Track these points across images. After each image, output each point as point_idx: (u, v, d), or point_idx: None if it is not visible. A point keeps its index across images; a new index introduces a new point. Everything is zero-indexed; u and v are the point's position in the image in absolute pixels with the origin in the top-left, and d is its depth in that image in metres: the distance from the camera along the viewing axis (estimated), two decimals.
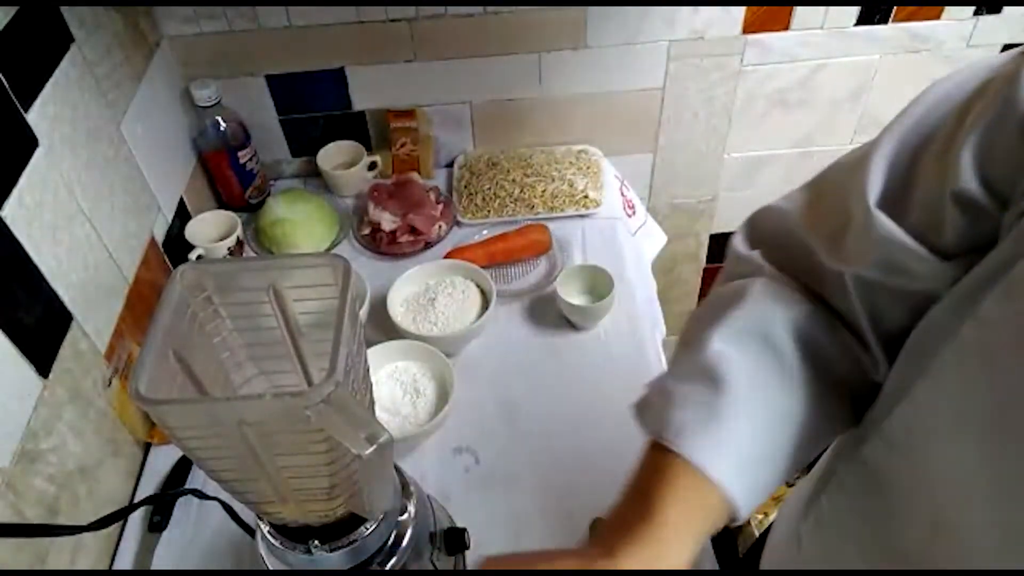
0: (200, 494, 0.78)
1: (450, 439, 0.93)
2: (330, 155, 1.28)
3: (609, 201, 1.24)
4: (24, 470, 0.71)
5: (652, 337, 1.06)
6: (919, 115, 0.46)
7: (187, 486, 0.88)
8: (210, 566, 0.83)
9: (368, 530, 0.58)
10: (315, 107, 1.27)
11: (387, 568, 0.60)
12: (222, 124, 1.17)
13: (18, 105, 0.76)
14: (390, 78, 1.23)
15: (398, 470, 0.65)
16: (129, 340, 0.92)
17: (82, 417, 0.81)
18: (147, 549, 0.85)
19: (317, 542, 0.57)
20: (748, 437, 0.48)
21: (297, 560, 0.58)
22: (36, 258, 0.76)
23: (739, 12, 1.20)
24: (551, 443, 0.92)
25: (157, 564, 0.83)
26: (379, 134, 1.31)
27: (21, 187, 0.74)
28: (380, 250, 1.17)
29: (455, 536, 0.70)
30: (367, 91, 1.25)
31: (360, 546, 0.58)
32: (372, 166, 1.29)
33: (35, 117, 0.78)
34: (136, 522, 0.88)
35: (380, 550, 0.60)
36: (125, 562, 0.84)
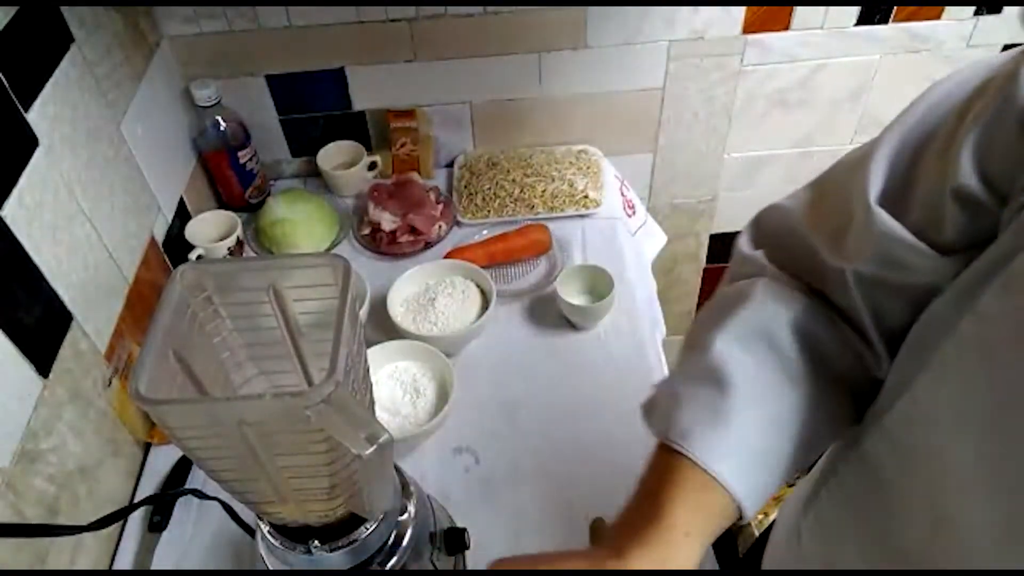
0: (200, 494, 0.78)
1: (450, 439, 0.93)
2: (330, 155, 1.28)
3: (609, 201, 1.24)
4: (24, 470, 0.71)
5: (652, 337, 1.06)
6: (921, 114, 0.46)
7: (187, 486, 0.88)
8: (210, 566, 0.83)
9: (368, 530, 0.58)
10: (315, 107, 1.27)
11: (387, 568, 0.60)
12: (222, 124, 1.17)
13: (18, 105, 0.76)
14: (390, 78, 1.23)
15: (398, 470, 0.65)
16: (129, 340, 0.92)
17: (82, 417, 0.81)
18: (147, 549, 0.85)
19: (317, 542, 0.57)
20: (753, 437, 0.48)
21: (297, 560, 0.58)
22: (36, 258, 0.76)
23: (739, 12, 1.20)
24: (551, 443, 0.92)
25: (157, 564, 0.83)
26: (379, 134, 1.31)
27: (21, 187, 0.74)
28: (380, 250, 1.17)
29: (455, 536, 0.70)
30: (367, 91, 1.25)
31: (360, 546, 0.58)
32: (372, 166, 1.29)
33: (35, 117, 0.78)
34: (136, 522, 0.88)
35: (380, 550, 0.60)
36: (125, 562, 0.84)
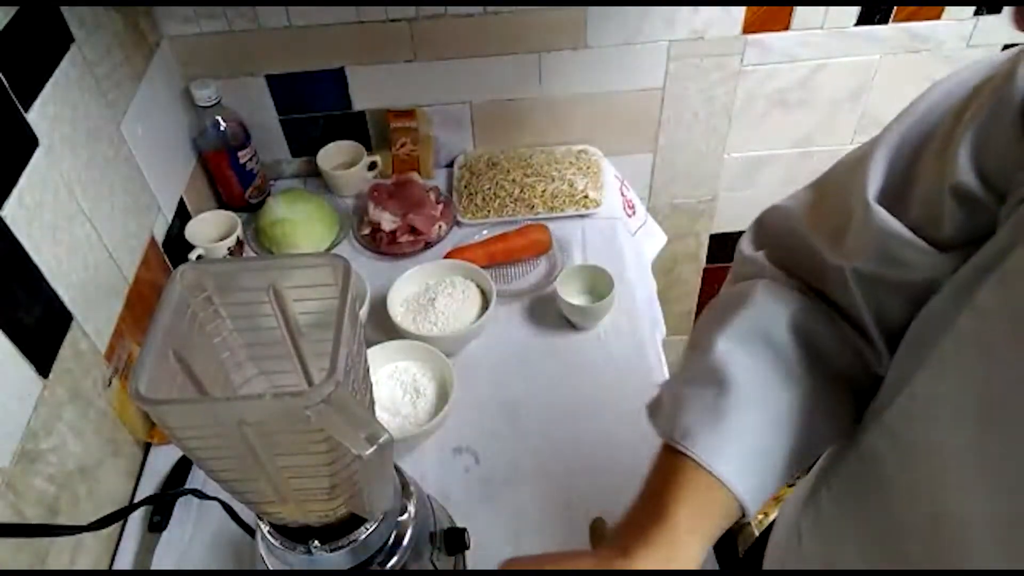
0: (200, 494, 0.78)
1: (450, 439, 0.93)
2: (330, 155, 1.28)
3: (609, 201, 1.24)
4: (24, 470, 0.71)
5: (652, 337, 1.06)
6: (920, 113, 0.47)
7: (187, 486, 0.88)
8: (210, 566, 0.83)
9: (368, 530, 0.58)
10: (315, 107, 1.27)
11: (387, 568, 0.60)
12: (222, 124, 1.17)
13: (18, 105, 0.76)
14: (390, 78, 1.23)
15: (398, 470, 0.65)
16: (129, 340, 0.92)
17: (82, 417, 0.81)
18: (147, 549, 0.85)
19: (317, 542, 0.57)
20: (754, 437, 0.49)
21: (297, 560, 0.58)
22: (36, 258, 0.76)
23: (739, 12, 1.20)
24: (551, 443, 0.92)
25: (157, 564, 0.83)
26: (379, 134, 1.31)
27: (21, 187, 0.74)
28: (380, 250, 1.17)
29: (455, 536, 0.70)
30: (367, 91, 1.25)
31: (360, 546, 0.58)
32: (372, 166, 1.29)
33: (35, 117, 0.78)
34: (136, 522, 0.88)
35: (380, 550, 0.60)
36: (125, 562, 0.84)
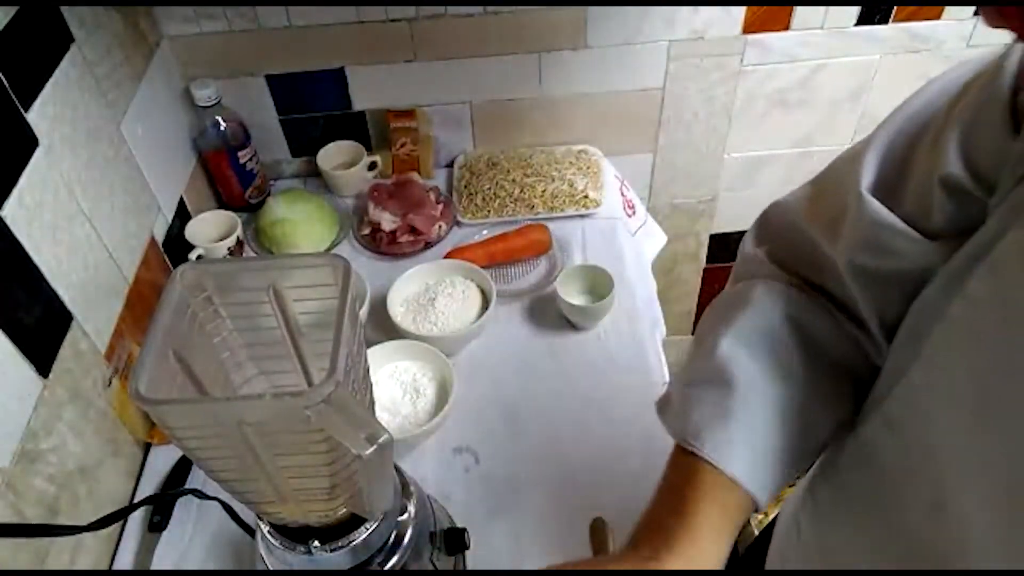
0: (200, 494, 0.78)
1: (450, 439, 0.93)
2: (330, 155, 1.28)
3: (609, 201, 1.24)
4: (24, 470, 0.71)
5: (652, 337, 1.06)
6: (914, 109, 0.48)
7: (187, 486, 0.88)
8: (210, 566, 0.83)
9: (368, 530, 0.58)
10: (315, 107, 1.27)
11: (387, 568, 0.61)
12: (222, 124, 1.17)
13: (18, 105, 0.76)
14: (390, 78, 1.23)
15: (398, 470, 0.65)
16: (129, 340, 0.92)
17: (82, 417, 0.81)
18: (147, 549, 0.85)
19: (317, 542, 0.57)
20: (761, 435, 0.50)
21: (297, 560, 0.58)
22: (36, 258, 0.76)
23: (739, 12, 1.20)
24: (551, 443, 0.92)
25: (157, 564, 0.83)
26: (379, 134, 1.31)
27: (21, 187, 0.74)
28: (380, 250, 1.17)
29: (455, 536, 0.70)
30: (367, 91, 1.25)
31: (360, 546, 0.58)
32: (372, 166, 1.29)
33: (35, 117, 0.78)
34: (136, 522, 0.88)
35: (380, 550, 0.60)
36: (125, 562, 0.84)
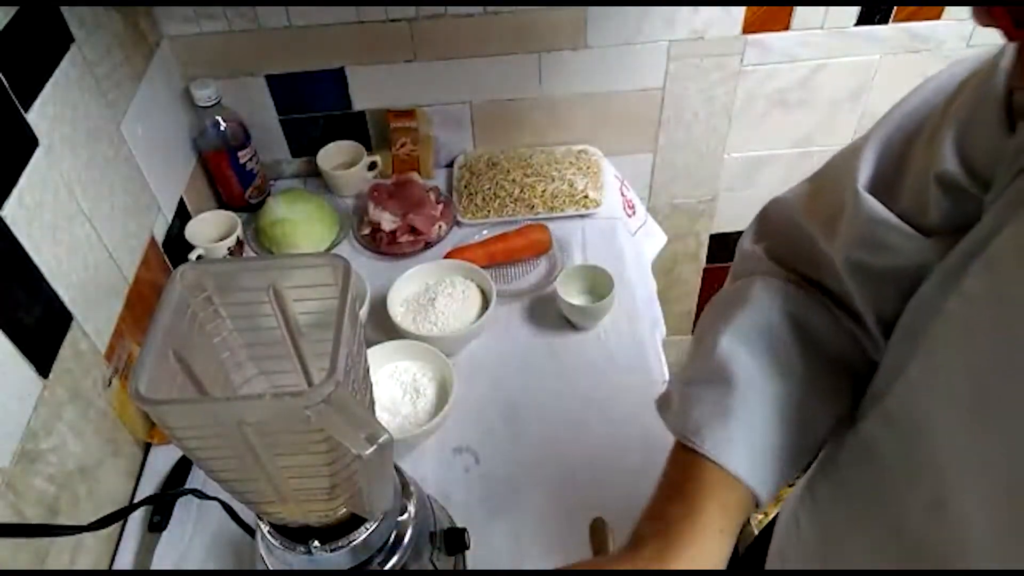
0: (200, 494, 0.78)
1: (450, 439, 0.93)
2: (330, 155, 1.28)
3: (609, 201, 1.24)
4: (24, 470, 0.71)
5: (652, 337, 1.06)
6: (911, 107, 0.48)
7: (187, 486, 0.88)
8: (210, 566, 0.83)
9: (368, 530, 0.58)
10: (315, 107, 1.27)
11: (387, 568, 0.61)
12: (222, 124, 1.17)
13: (18, 105, 0.76)
14: (390, 78, 1.23)
15: (398, 470, 0.65)
16: (129, 340, 0.92)
17: (82, 417, 0.81)
18: (147, 549, 0.85)
19: (317, 542, 0.57)
20: (759, 430, 0.51)
21: (297, 560, 0.58)
22: (36, 258, 0.76)
23: (739, 12, 1.20)
24: (551, 443, 0.92)
25: (157, 564, 0.83)
26: (379, 134, 1.31)
27: (21, 187, 0.74)
28: (380, 250, 1.17)
29: (455, 536, 0.70)
30: (367, 91, 1.25)
31: (360, 546, 0.58)
32: (372, 166, 1.29)
33: (35, 117, 0.78)
34: (136, 522, 0.88)
35: (380, 550, 0.60)
36: (125, 562, 0.84)
